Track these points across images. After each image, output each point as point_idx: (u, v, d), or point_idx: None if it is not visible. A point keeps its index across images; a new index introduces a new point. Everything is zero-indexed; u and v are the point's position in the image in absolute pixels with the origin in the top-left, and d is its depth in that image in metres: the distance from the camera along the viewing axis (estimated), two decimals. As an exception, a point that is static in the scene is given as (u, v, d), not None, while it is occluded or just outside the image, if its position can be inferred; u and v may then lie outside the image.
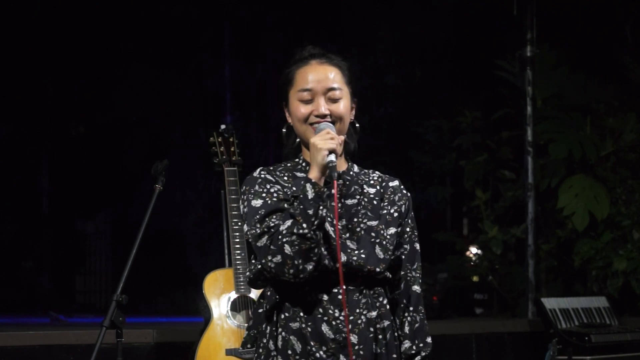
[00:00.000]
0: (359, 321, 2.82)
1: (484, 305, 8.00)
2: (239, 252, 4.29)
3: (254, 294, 4.28)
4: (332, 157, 2.74)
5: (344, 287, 2.77)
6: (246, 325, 4.24)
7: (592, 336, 5.74)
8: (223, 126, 4.52)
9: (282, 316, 2.81)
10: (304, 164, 2.90)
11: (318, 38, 9.00)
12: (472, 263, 8.08)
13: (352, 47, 8.90)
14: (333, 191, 2.74)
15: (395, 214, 2.92)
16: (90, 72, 9.71)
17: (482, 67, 8.34)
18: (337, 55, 3.02)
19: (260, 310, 2.89)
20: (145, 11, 9.43)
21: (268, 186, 2.81)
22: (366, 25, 9.10)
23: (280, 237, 2.69)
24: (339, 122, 2.86)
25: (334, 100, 2.87)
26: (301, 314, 2.79)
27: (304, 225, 2.68)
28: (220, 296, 4.34)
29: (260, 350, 2.84)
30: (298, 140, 2.92)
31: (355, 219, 2.86)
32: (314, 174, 2.73)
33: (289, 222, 2.70)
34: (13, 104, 9.64)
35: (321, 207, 2.71)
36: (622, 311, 6.92)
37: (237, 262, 4.28)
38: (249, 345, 2.89)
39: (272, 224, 2.74)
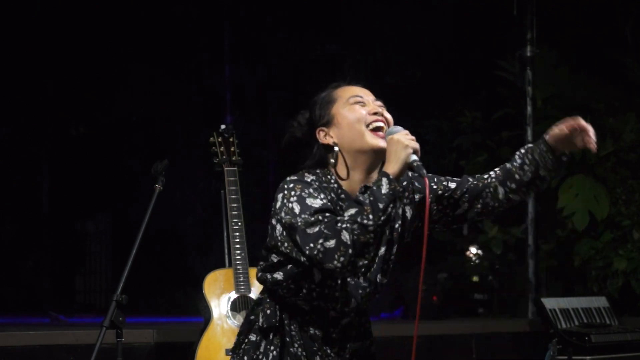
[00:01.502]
0: (347, 355, 2.84)
1: (484, 305, 8.00)
2: (239, 252, 4.29)
3: (254, 294, 4.28)
4: (416, 157, 2.68)
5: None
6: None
7: (592, 336, 5.74)
8: (223, 126, 4.52)
9: (279, 338, 2.78)
10: (336, 186, 2.79)
11: (318, 38, 9.01)
12: (472, 263, 8.08)
13: (352, 47, 8.91)
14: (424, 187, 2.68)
15: (402, 228, 2.86)
16: (90, 72, 9.71)
17: (482, 67, 8.35)
18: None
19: (252, 318, 2.86)
20: (145, 11, 9.43)
21: (322, 195, 2.71)
22: (366, 25, 9.10)
23: (339, 223, 2.59)
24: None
25: (383, 108, 2.84)
26: (299, 342, 2.78)
27: (371, 216, 2.59)
28: (220, 296, 4.34)
29: (245, 358, 2.82)
30: (333, 161, 2.79)
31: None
32: (392, 170, 2.65)
33: (353, 210, 2.61)
34: (13, 104, 9.64)
35: (392, 206, 2.62)
36: (622, 311, 6.92)
37: (237, 262, 4.28)
38: (238, 351, 2.86)
39: (327, 215, 2.64)
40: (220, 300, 4.34)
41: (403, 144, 2.67)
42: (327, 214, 2.63)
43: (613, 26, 8.09)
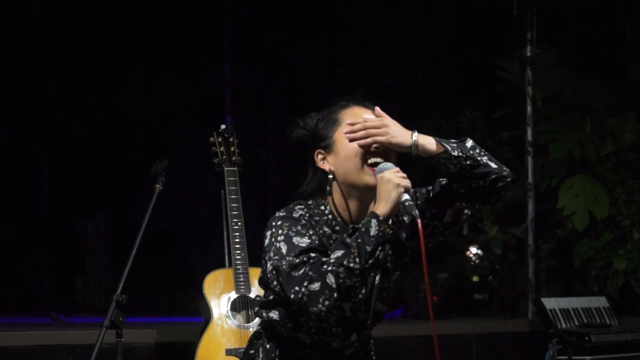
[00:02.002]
0: None
1: (484, 305, 8.00)
2: (239, 252, 4.28)
3: (254, 294, 4.28)
4: (407, 196, 2.59)
5: None
6: (246, 325, 4.24)
7: (592, 336, 5.74)
8: (223, 126, 4.52)
9: None
10: (330, 217, 2.71)
11: (318, 38, 9.01)
12: (472, 263, 8.08)
13: (352, 47, 8.91)
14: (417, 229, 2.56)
15: (399, 253, 2.80)
16: (90, 72, 9.71)
17: (482, 67, 8.34)
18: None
19: (252, 352, 2.79)
20: (145, 11, 9.43)
21: (311, 232, 2.63)
22: (366, 25, 9.10)
23: (325, 265, 2.51)
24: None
25: (385, 155, 2.74)
26: None
27: (357, 259, 2.50)
28: (220, 296, 4.34)
29: None
30: (329, 188, 2.71)
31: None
32: (383, 210, 2.55)
33: (339, 252, 2.51)
34: (13, 104, 9.64)
35: (380, 249, 2.53)
36: (622, 311, 6.92)
37: (237, 262, 4.28)
38: None
39: (313, 255, 2.56)
40: (220, 300, 4.34)
41: (394, 183, 2.57)
42: (313, 255, 2.55)
43: (613, 26, 8.09)
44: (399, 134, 2.70)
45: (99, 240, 11.11)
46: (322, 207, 2.73)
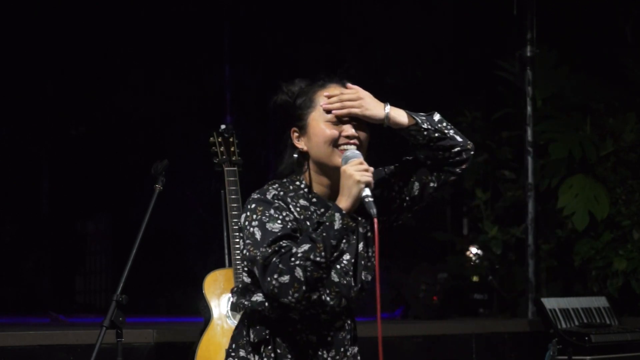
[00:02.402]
0: (345, 359, 2.84)
1: (484, 305, 8.00)
2: (239, 252, 4.28)
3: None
4: (368, 191, 2.68)
5: (332, 333, 2.80)
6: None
7: (592, 336, 5.74)
8: (223, 126, 4.52)
9: (272, 351, 2.77)
10: (306, 191, 2.82)
11: (318, 38, 9.00)
12: (472, 263, 8.08)
13: (352, 47, 8.91)
14: (372, 230, 2.69)
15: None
16: (90, 72, 9.70)
17: (482, 67, 8.34)
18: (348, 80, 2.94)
19: (244, 332, 2.84)
20: (145, 11, 9.43)
21: (284, 214, 2.73)
22: (366, 26, 9.10)
23: (293, 258, 2.62)
24: (362, 150, 2.82)
25: (359, 127, 2.83)
26: (293, 352, 2.77)
27: (323, 253, 2.61)
28: (220, 296, 4.34)
29: None
30: (306, 167, 2.83)
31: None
32: (345, 205, 2.66)
33: (306, 246, 2.62)
34: (13, 104, 9.63)
35: (344, 241, 2.66)
36: (622, 311, 6.92)
37: (237, 262, 4.28)
38: None
39: (284, 245, 2.66)
40: (220, 300, 4.34)
41: (355, 180, 2.66)
42: (284, 244, 2.65)
43: (613, 26, 8.08)
44: (373, 107, 2.81)
45: (99, 240, 11.11)
46: (298, 183, 2.83)
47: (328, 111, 2.79)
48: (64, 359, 4.73)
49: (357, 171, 2.68)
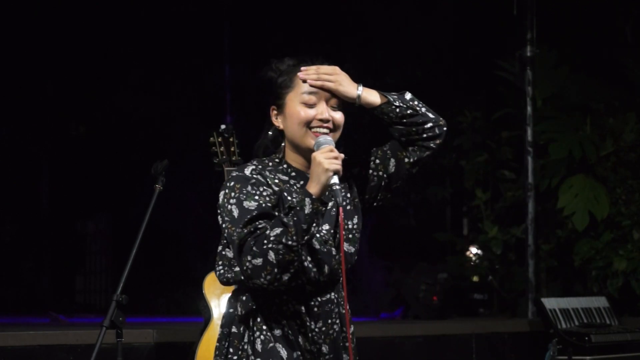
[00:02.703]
0: (331, 331, 2.88)
1: (484, 305, 8.00)
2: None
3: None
4: (336, 178, 2.75)
5: (319, 299, 2.84)
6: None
7: (592, 336, 5.74)
8: (223, 126, 4.51)
9: (262, 323, 2.83)
10: (285, 166, 2.91)
11: (318, 38, 9.00)
12: (472, 263, 8.08)
13: (352, 47, 8.90)
14: (337, 215, 2.75)
15: (356, 199, 2.96)
16: (90, 72, 9.71)
17: (482, 67, 8.34)
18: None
19: (232, 311, 2.89)
20: (145, 11, 9.43)
21: (261, 189, 2.81)
22: (366, 26, 9.10)
23: (266, 241, 2.69)
24: (337, 132, 2.90)
25: (334, 109, 2.91)
26: (283, 322, 2.82)
27: (295, 237, 2.68)
28: (220, 296, 4.34)
29: (240, 353, 2.85)
30: (283, 144, 2.94)
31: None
32: (314, 190, 2.74)
33: (278, 230, 2.69)
34: (13, 104, 9.64)
35: (314, 225, 2.72)
36: (622, 311, 6.92)
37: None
38: (224, 342, 2.89)
39: (259, 226, 2.73)
40: (220, 300, 4.34)
41: (323, 168, 2.73)
42: (260, 225, 2.72)
43: (613, 26, 8.08)
44: (347, 84, 2.91)
45: (99, 240, 11.12)
46: (277, 160, 2.93)
47: (306, 92, 2.87)
48: (64, 359, 4.73)
49: (326, 159, 2.74)
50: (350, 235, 2.91)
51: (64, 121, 10.34)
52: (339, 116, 2.90)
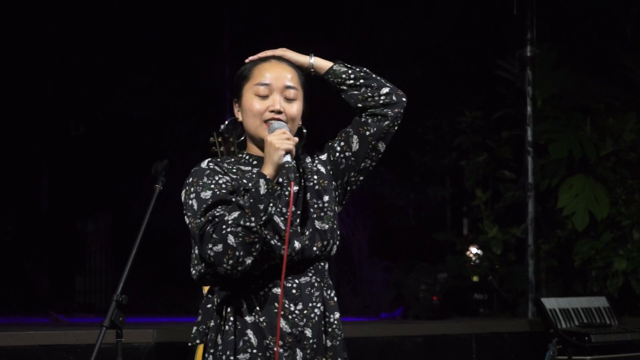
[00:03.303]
0: (312, 314, 2.85)
1: (484, 305, 8.00)
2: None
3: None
4: (289, 157, 2.77)
5: (297, 281, 2.83)
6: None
7: (592, 336, 5.74)
8: (223, 126, 4.51)
9: (234, 310, 2.81)
10: (247, 157, 2.94)
11: (318, 38, 9.00)
12: (472, 263, 8.08)
13: (351, 47, 8.90)
14: (289, 193, 2.76)
15: (326, 181, 2.96)
16: (90, 72, 9.71)
17: (482, 67, 8.34)
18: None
19: (209, 306, 2.89)
20: (145, 11, 9.43)
21: (217, 178, 2.83)
22: (366, 25, 9.10)
23: (224, 226, 2.70)
24: (290, 124, 2.91)
25: (289, 100, 2.92)
26: (256, 308, 2.80)
27: (252, 218, 2.68)
28: (220, 296, 4.34)
29: (209, 345, 2.87)
30: (243, 137, 2.98)
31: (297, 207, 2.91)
32: (268, 171, 2.75)
33: (235, 214, 2.70)
34: (13, 104, 9.64)
35: (271, 204, 2.72)
36: (622, 311, 6.93)
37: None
38: (197, 341, 2.88)
39: (217, 214, 2.75)
40: (220, 300, 4.33)
41: (274, 147, 2.75)
42: (217, 213, 2.74)
43: (613, 26, 8.08)
44: (297, 54, 3.05)
45: (99, 240, 11.12)
46: (240, 155, 2.97)
47: (258, 83, 2.91)
48: (64, 359, 4.73)
49: (278, 139, 2.77)
50: (322, 214, 2.89)
51: (64, 121, 10.34)
52: (294, 109, 2.91)
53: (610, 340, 5.84)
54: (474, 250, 8.12)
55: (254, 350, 2.77)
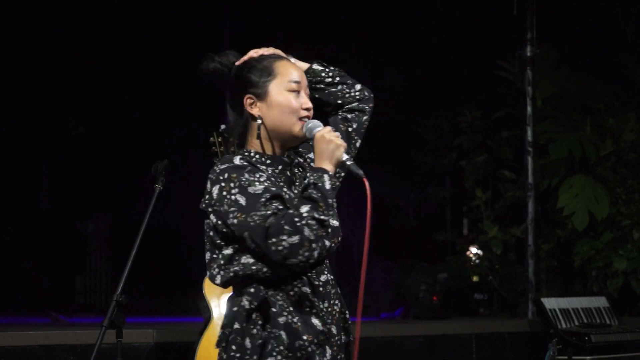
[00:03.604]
0: (334, 312, 2.86)
1: (484, 305, 8.00)
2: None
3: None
4: (347, 155, 2.78)
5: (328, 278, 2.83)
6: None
7: (592, 336, 5.75)
8: (223, 126, 4.51)
9: (265, 312, 2.77)
10: (257, 156, 2.87)
11: (318, 38, 9.00)
12: (472, 263, 8.08)
13: (352, 47, 8.90)
14: (366, 191, 2.72)
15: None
16: (90, 72, 9.70)
17: (482, 67, 8.34)
18: None
19: (236, 309, 2.83)
20: (145, 11, 9.42)
21: (257, 175, 2.78)
22: (366, 25, 9.10)
23: (298, 219, 2.66)
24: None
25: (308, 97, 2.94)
26: (290, 309, 2.77)
27: (325, 211, 2.67)
28: (220, 296, 4.34)
29: (233, 347, 2.77)
30: (258, 131, 2.89)
31: None
32: (329, 167, 2.74)
33: (307, 207, 2.67)
34: (13, 104, 9.63)
35: (335, 200, 2.72)
36: (622, 311, 6.93)
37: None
38: (223, 344, 2.81)
39: (280, 207, 2.71)
40: (220, 300, 4.34)
41: (336, 144, 2.75)
42: (280, 207, 2.70)
43: (613, 26, 8.09)
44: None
45: (99, 240, 11.11)
46: (246, 154, 2.89)
47: (292, 80, 2.89)
48: (64, 359, 4.73)
49: (335, 137, 2.77)
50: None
51: (64, 121, 10.34)
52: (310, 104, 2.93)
53: (610, 340, 5.84)
54: (474, 250, 8.12)
55: (285, 351, 2.73)
